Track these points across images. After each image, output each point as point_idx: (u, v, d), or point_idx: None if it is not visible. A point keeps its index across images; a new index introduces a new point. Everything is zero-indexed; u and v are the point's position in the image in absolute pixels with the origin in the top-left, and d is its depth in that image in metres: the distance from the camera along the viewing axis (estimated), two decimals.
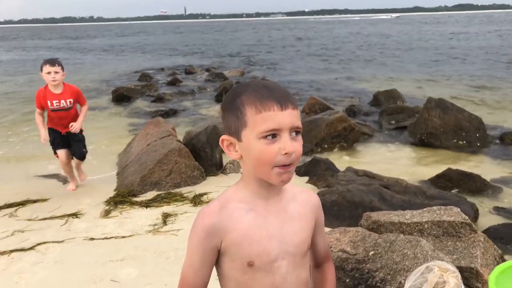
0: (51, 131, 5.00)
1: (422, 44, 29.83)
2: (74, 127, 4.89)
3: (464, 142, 6.78)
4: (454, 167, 5.32)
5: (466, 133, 6.82)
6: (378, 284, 2.60)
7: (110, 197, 4.94)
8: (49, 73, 4.69)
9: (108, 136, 8.37)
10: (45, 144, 4.97)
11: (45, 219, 4.40)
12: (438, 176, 5.14)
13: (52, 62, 4.77)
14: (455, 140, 6.80)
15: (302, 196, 1.31)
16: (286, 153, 1.10)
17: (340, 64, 20.22)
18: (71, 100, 4.89)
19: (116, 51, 33.89)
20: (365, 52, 25.53)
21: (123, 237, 3.92)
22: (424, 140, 6.96)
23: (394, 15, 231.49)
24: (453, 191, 4.89)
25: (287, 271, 1.21)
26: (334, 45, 32.43)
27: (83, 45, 44.18)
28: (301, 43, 36.80)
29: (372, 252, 2.84)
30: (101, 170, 6.23)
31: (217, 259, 1.23)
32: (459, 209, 3.22)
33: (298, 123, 1.14)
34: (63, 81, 4.90)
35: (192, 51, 31.41)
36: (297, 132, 1.14)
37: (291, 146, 1.10)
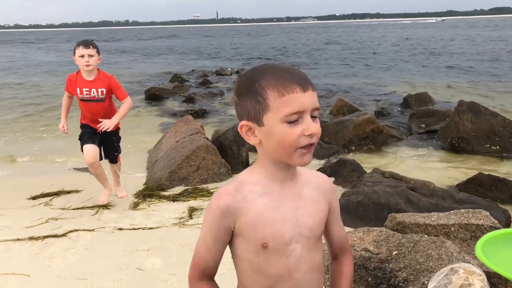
0: (83, 127, 4.46)
1: (454, 49, 29.10)
2: (104, 124, 4.16)
3: (498, 147, 6.59)
4: (486, 172, 5.19)
5: (499, 138, 6.63)
6: (400, 284, 2.58)
7: (139, 191, 5.07)
8: (82, 56, 4.11)
9: (140, 133, 8.59)
10: (64, 132, 4.46)
11: (77, 208, 4.57)
12: (468, 181, 5.03)
13: (86, 44, 4.19)
14: (488, 145, 6.63)
15: (316, 179, 1.32)
16: (309, 134, 1.11)
17: (371, 67, 19.98)
18: (104, 90, 4.24)
19: (149, 53, 34.63)
20: (398, 56, 25.13)
21: (150, 228, 4.02)
22: (455, 144, 6.81)
23: (440, 18, 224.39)
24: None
25: (301, 254, 1.22)
26: (365, 49, 32.06)
27: (117, 47, 45.30)
28: (330, 46, 36.56)
29: (396, 252, 2.82)
30: (132, 166, 6.39)
31: (231, 240, 1.25)
32: (488, 213, 3.15)
33: (318, 105, 1.15)
34: (98, 68, 4.32)
35: (223, 54, 31.74)
36: (315, 116, 1.15)
37: (315, 127, 1.12)
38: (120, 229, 4.02)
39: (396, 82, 14.98)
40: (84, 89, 4.23)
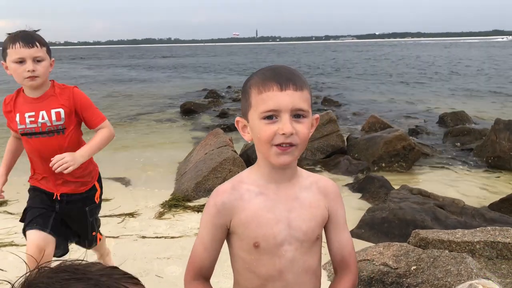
0: (32, 192, 2.55)
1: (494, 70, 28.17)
2: (60, 161, 2.24)
3: None
4: None
5: None
6: None
7: (165, 201, 5.17)
8: (21, 61, 2.28)
9: (172, 146, 8.79)
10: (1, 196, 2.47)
11: (105, 216, 4.69)
12: (502, 200, 4.81)
13: (28, 39, 2.28)
14: None
15: (320, 183, 1.31)
16: (283, 134, 1.11)
17: (408, 85, 19.62)
18: (61, 111, 2.38)
19: (188, 70, 35.46)
20: (436, 75, 24.58)
21: (173, 237, 4.08)
22: (491, 163, 6.56)
23: (510, 37, 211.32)
24: None
25: (294, 256, 1.21)
26: (402, 67, 31.58)
27: (158, 63, 46.71)
28: (368, 64, 36.23)
29: (414, 267, 2.74)
30: (162, 178, 6.54)
31: (228, 238, 1.27)
32: None
33: (301, 105, 1.13)
34: (50, 78, 2.46)
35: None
36: (300, 115, 1.14)
37: (289, 127, 1.11)
38: (144, 237, 4.11)
39: (434, 100, 14.63)
40: (26, 115, 2.35)
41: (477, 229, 3.15)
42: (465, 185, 6.03)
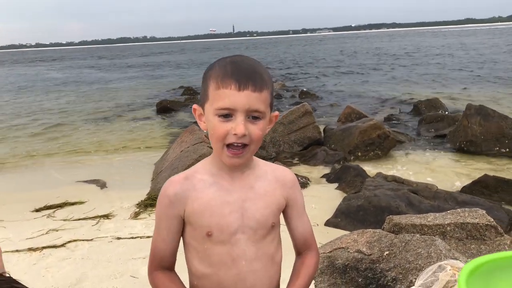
0: None
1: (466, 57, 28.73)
2: None
3: (507, 149, 6.43)
4: (494, 174, 5.06)
5: (509, 141, 6.47)
6: (389, 283, 2.51)
7: (141, 201, 5.10)
8: None
9: (149, 146, 8.69)
10: None
11: (79, 219, 4.62)
12: (473, 183, 4.91)
13: None
14: (497, 148, 6.47)
15: (276, 173, 1.30)
16: (235, 134, 1.09)
17: (384, 75, 19.84)
18: None
19: (164, 67, 35.10)
20: (408, 63, 24.92)
21: (148, 237, 4.02)
22: (464, 148, 6.68)
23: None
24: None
25: (247, 244, 1.21)
26: (375, 58, 31.92)
27: (133, 62, 46.13)
28: (344, 56, 36.51)
29: (387, 252, 2.76)
30: (138, 177, 6.45)
31: (184, 230, 1.25)
32: (484, 212, 3.07)
33: (258, 106, 1.10)
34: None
35: None
36: (256, 117, 1.11)
37: (242, 129, 1.08)
38: (119, 238, 4.04)
39: (409, 89, 14.83)
40: None
41: (448, 211, 3.19)
42: (439, 170, 6.12)
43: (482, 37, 59.65)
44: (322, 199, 4.98)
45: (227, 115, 1.10)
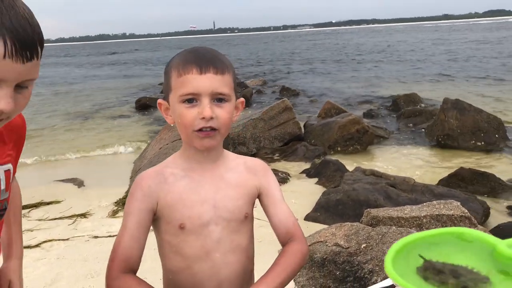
0: None
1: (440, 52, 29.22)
2: None
3: (483, 143, 6.56)
4: (470, 167, 5.15)
5: (484, 134, 6.60)
6: (366, 276, 2.53)
7: (119, 199, 5.03)
8: None
9: (128, 143, 8.57)
10: None
11: (55, 219, 4.52)
12: (450, 176, 4.98)
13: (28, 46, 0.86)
14: (473, 141, 6.60)
15: (247, 164, 1.30)
16: (203, 118, 1.09)
17: (366, 71, 20.03)
18: (10, 169, 1.12)
19: (143, 64, 34.72)
20: (390, 59, 25.21)
21: None
22: (441, 142, 6.79)
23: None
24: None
25: (221, 236, 1.20)
26: (356, 54, 32.21)
27: (111, 59, 45.49)
28: (325, 52, 36.72)
29: (364, 245, 2.78)
30: (117, 175, 6.36)
31: (155, 224, 1.23)
32: (459, 203, 3.12)
33: (222, 89, 1.11)
34: None
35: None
36: (221, 99, 1.12)
37: (208, 111, 1.09)
38: (96, 237, 3.98)
39: (389, 85, 15.00)
40: None
41: (424, 204, 3.24)
42: (417, 163, 6.21)
43: (459, 33, 60.74)
44: (302, 194, 4.99)
45: (192, 99, 1.10)
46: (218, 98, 1.11)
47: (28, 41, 0.85)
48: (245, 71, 24.02)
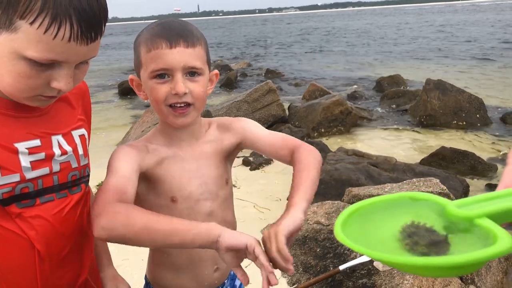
0: None
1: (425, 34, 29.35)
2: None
3: (464, 123, 6.65)
4: (451, 146, 5.22)
5: (466, 114, 6.69)
6: (345, 252, 2.57)
7: (102, 182, 4.98)
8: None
9: (110, 127, 8.48)
10: None
11: None
12: (431, 155, 5.05)
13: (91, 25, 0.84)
14: (455, 121, 6.68)
15: (219, 124, 1.27)
16: (175, 94, 1.06)
17: (347, 54, 20.04)
18: (85, 133, 1.11)
19: (125, 48, 34.19)
20: (375, 42, 25.24)
21: None
22: (424, 122, 6.86)
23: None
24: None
25: (212, 210, 1.20)
26: (342, 36, 32.17)
27: None
28: (310, 35, 36.59)
29: None
30: (99, 159, 6.30)
31: (145, 198, 1.18)
32: (438, 181, 3.16)
33: (194, 63, 1.07)
34: None
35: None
36: (194, 73, 1.09)
37: (181, 87, 1.05)
38: None
39: (373, 67, 15.04)
40: (22, 145, 0.92)
41: (404, 182, 3.27)
42: (400, 143, 6.27)
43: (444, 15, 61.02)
44: (285, 175, 5.01)
45: (163, 75, 1.07)
46: (191, 72, 1.08)
47: (94, 21, 0.83)
48: (229, 53, 23.84)
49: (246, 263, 0.95)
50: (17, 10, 0.76)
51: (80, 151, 1.05)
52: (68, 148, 1.00)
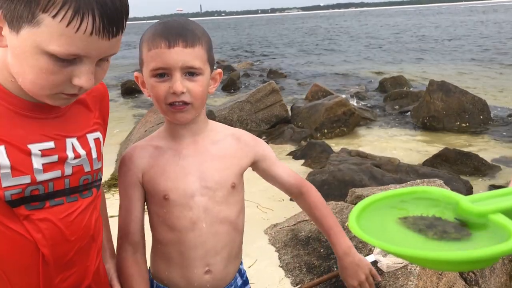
0: None
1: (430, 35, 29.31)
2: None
3: (468, 124, 6.64)
4: (454, 148, 5.22)
5: (469, 116, 6.68)
6: None
7: (105, 181, 4.99)
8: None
9: (113, 127, 8.48)
10: None
11: None
12: (435, 156, 5.04)
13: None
14: (458, 123, 6.67)
15: (235, 135, 1.31)
16: (173, 93, 1.09)
17: (350, 54, 20.02)
18: (100, 136, 1.09)
19: (130, 48, 34.24)
20: (377, 43, 25.22)
21: (111, 216, 3.95)
22: (427, 123, 6.84)
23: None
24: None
25: (207, 206, 1.21)
26: (344, 37, 32.14)
27: None
28: (313, 36, 36.57)
29: (348, 223, 2.80)
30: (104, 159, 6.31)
31: (145, 197, 1.26)
32: (442, 182, 3.15)
33: (192, 63, 1.10)
34: None
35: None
36: (193, 73, 1.11)
37: (179, 86, 1.09)
38: None
39: (377, 68, 15.02)
40: (36, 146, 0.92)
41: (408, 183, 3.26)
42: (402, 145, 6.26)
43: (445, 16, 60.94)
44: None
45: (162, 74, 1.10)
46: (190, 72, 1.11)
47: (116, 16, 0.83)
48: (232, 54, 23.85)
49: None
50: (39, 3, 0.77)
51: (94, 155, 1.04)
52: (82, 151, 1.00)
